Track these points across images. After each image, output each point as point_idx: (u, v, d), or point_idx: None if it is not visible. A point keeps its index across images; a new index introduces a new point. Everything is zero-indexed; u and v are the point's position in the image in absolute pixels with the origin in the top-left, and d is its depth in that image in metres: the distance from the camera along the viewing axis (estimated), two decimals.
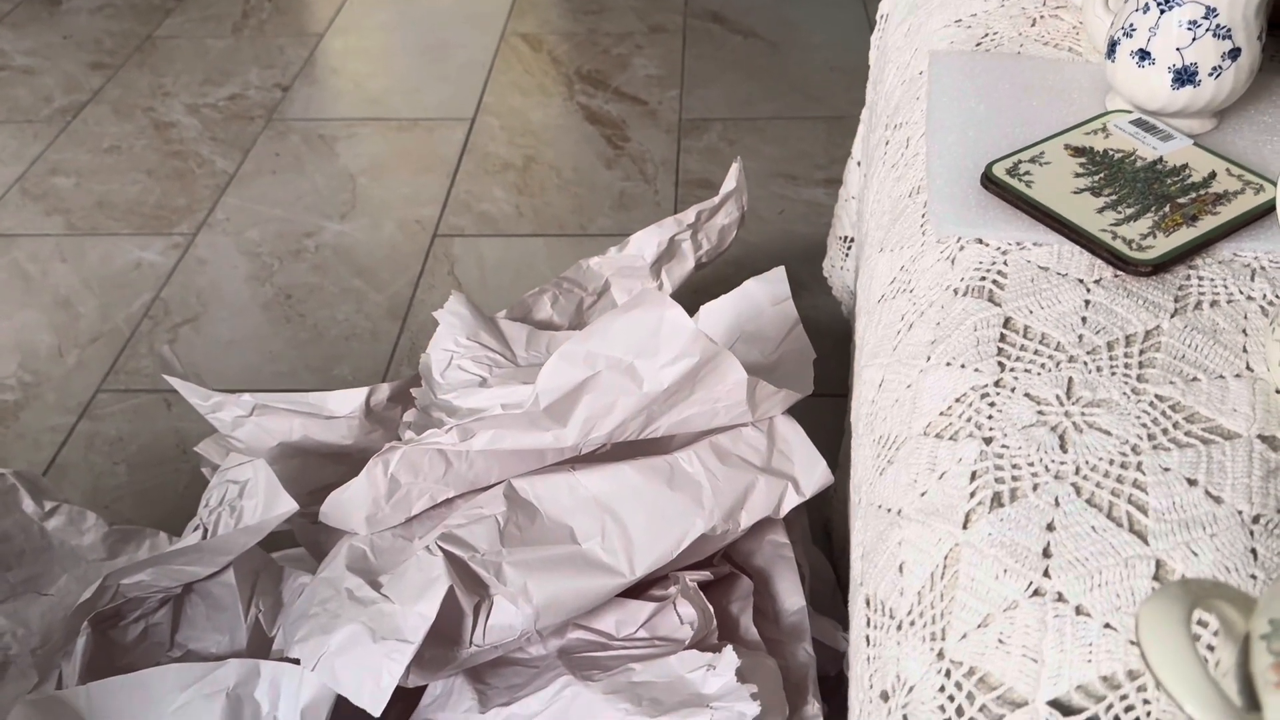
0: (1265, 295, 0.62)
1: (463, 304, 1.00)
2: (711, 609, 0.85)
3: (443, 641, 0.78)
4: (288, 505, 0.85)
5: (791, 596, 0.91)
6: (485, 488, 0.86)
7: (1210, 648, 0.46)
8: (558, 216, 1.72)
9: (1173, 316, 0.61)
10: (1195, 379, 0.58)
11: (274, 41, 2.27)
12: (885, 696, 0.55)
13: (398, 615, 0.75)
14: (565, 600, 0.78)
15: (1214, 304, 0.62)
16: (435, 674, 0.81)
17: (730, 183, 1.20)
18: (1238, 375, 0.58)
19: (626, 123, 1.94)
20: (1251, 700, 0.36)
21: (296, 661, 0.79)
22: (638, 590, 0.90)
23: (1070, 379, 0.59)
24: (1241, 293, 0.62)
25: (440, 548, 0.77)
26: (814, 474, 0.85)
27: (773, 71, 2.08)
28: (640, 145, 1.88)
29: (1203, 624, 0.47)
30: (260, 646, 0.89)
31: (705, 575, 0.88)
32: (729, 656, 0.78)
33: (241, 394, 0.94)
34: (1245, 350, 0.59)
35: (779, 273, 0.98)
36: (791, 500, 0.84)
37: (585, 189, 1.78)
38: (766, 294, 0.97)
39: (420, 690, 0.87)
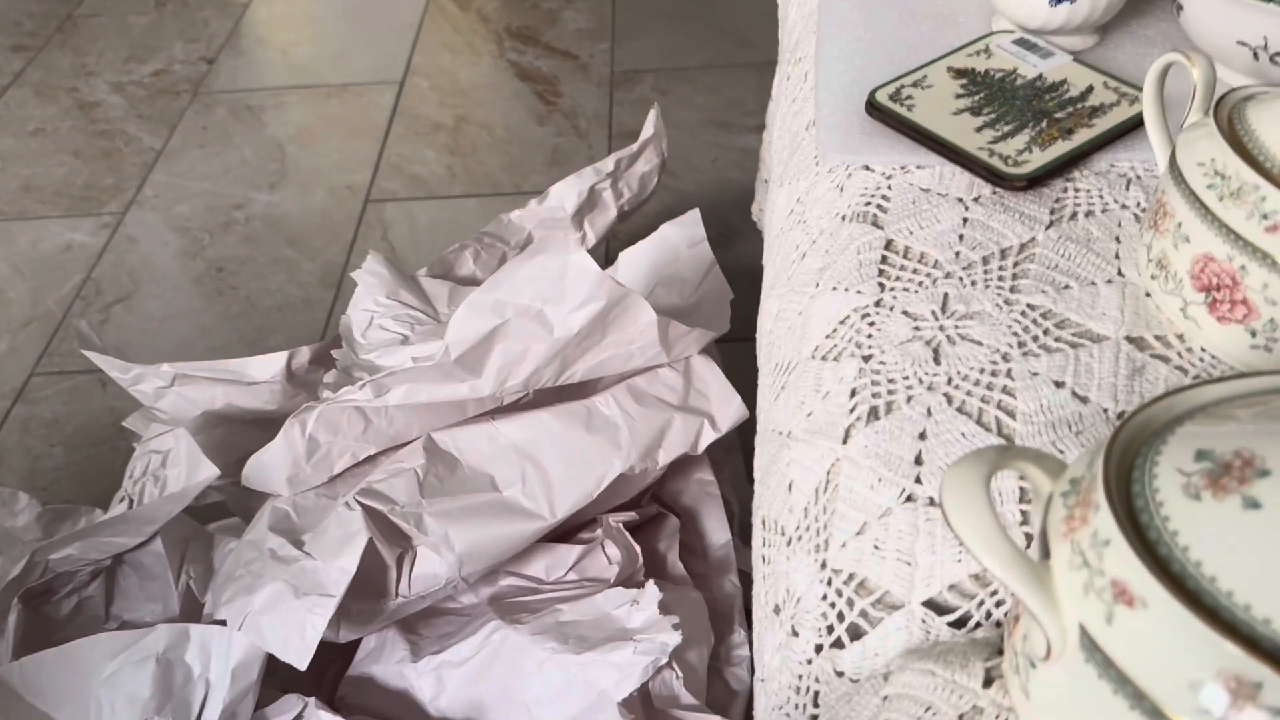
0: (1139, 203, 0.64)
1: (381, 264, 1.01)
2: (637, 548, 0.88)
3: (369, 595, 0.80)
4: (209, 471, 0.86)
5: (718, 532, 0.93)
6: (408, 443, 0.88)
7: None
8: (491, 176, 1.73)
9: (1048, 228, 0.63)
10: (1067, 287, 0.60)
11: (198, 14, 2.25)
12: (777, 610, 0.58)
13: (319, 571, 0.77)
14: (488, 546, 0.80)
15: (1089, 214, 0.64)
16: (366, 628, 0.83)
17: (648, 129, 1.21)
18: (1109, 281, 0.60)
19: (558, 78, 1.94)
20: (1047, 553, 0.39)
21: (225, 624, 0.81)
22: (566, 535, 0.92)
23: (946, 294, 0.61)
24: (1116, 202, 0.65)
25: (359, 502, 0.79)
26: (729, 410, 0.87)
27: (703, 19, 2.09)
28: (572, 100, 1.88)
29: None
30: (193, 613, 0.90)
31: (631, 516, 0.91)
32: (651, 591, 0.80)
33: (160, 365, 0.95)
34: (1118, 257, 0.61)
35: (694, 215, 1.00)
36: (708, 436, 0.87)
37: (518, 146, 1.79)
38: (683, 237, 0.99)
39: (355, 645, 0.89)
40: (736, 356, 0.93)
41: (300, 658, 0.76)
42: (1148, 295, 0.58)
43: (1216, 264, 0.53)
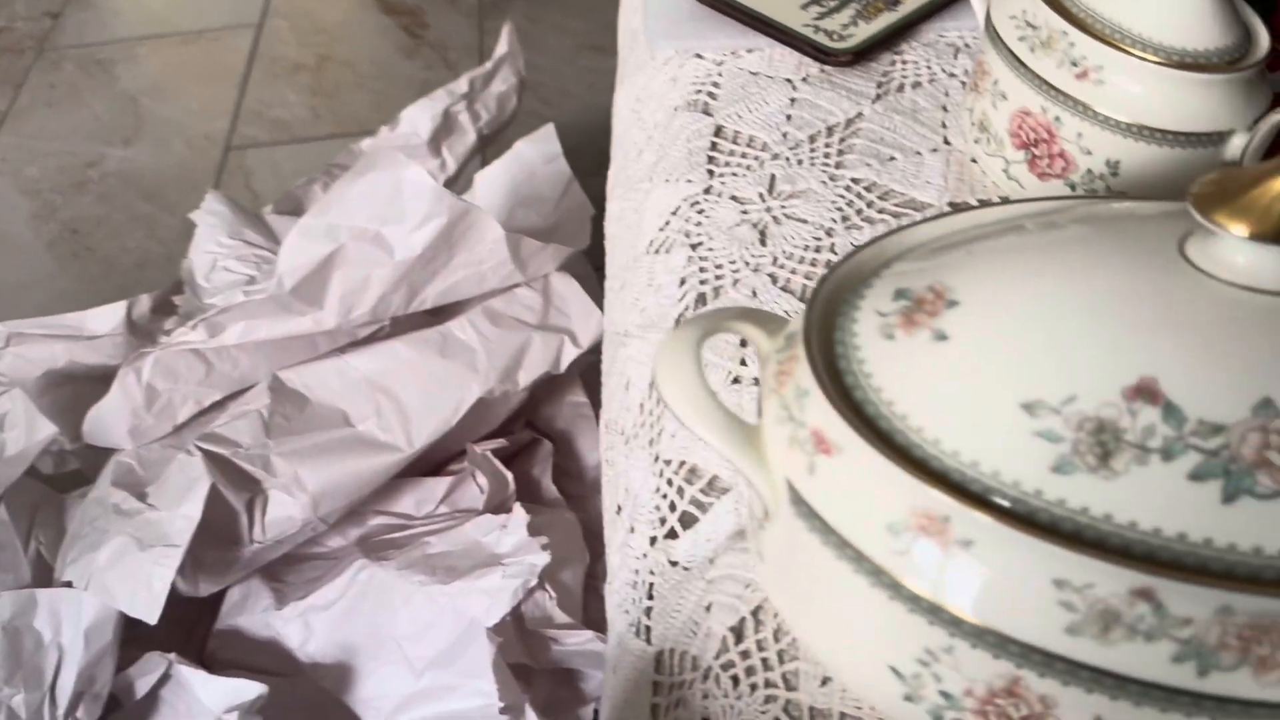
0: (967, 71, 0.64)
1: (221, 202, 0.98)
2: (508, 474, 0.87)
3: (221, 543, 0.78)
4: (47, 429, 0.83)
5: (592, 453, 0.93)
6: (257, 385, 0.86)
7: None
8: (357, 115, 1.69)
9: (875, 102, 0.63)
10: (892, 158, 0.60)
11: None
12: (619, 510, 0.57)
13: (163, 522, 0.75)
14: (343, 484, 0.79)
15: (916, 85, 0.64)
16: (225, 578, 0.81)
17: (502, 47, 1.18)
18: (934, 150, 0.60)
19: (424, 9, 1.90)
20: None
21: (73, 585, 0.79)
22: (436, 468, 0.91)
23: (773, 176, 0.60)
24: (944, 71, 0.64)
25: (199, 448, 0.77)
26: (590, 325, 0.86)
27: None
28: (440, 32, 1.84)
29: None
30: (46, 581, 0.88)
31: (500, 443, 0.90)
32: (518, 515, 0.80)
33: None
34: (944, 126, 0.61)
35: (548, 131, 0.98)
36: (570, 353, 0.86)
37: (385, 83, 1.75)
38: (538, 154, 0.97)
39: (222, 599, 0.87)
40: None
41: (150, 611, 0.74)
42: (973, 161, 0.58)
43: (1033, 118, 0.53)
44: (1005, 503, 0.33)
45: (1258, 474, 0.31)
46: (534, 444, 0.94)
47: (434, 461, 0.89)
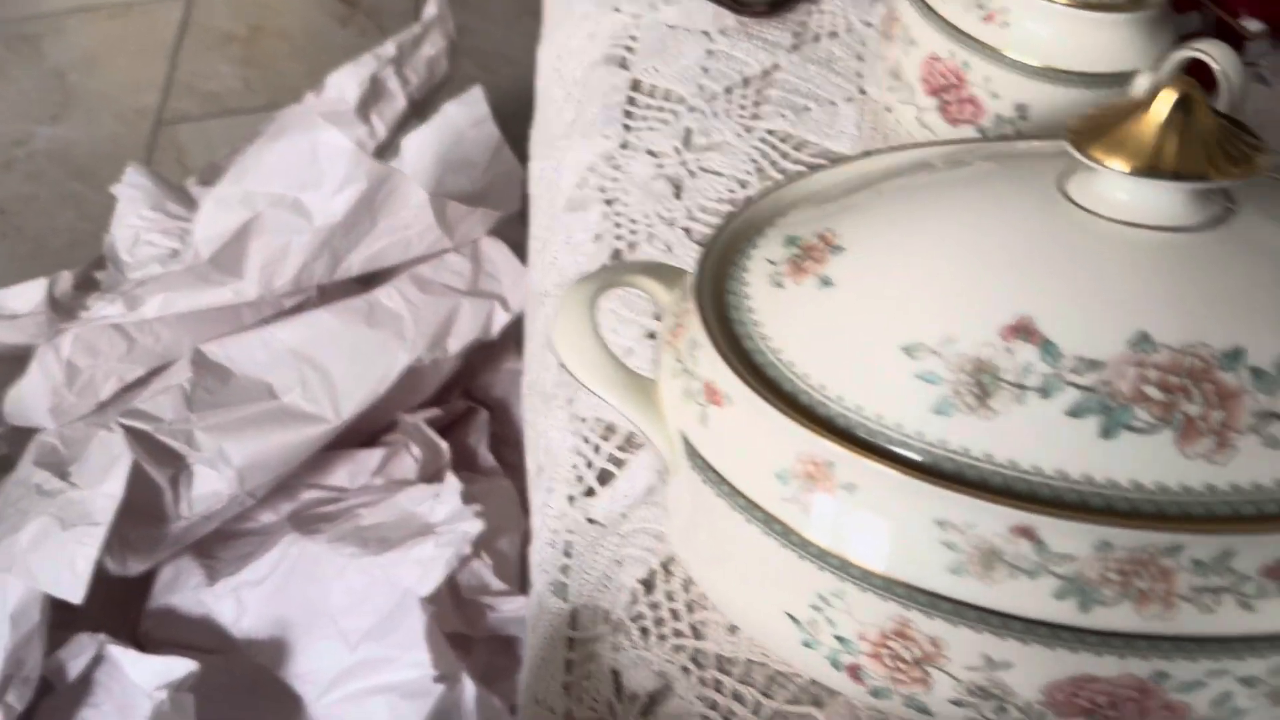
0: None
1: (143, 175, 0.96)
2: (442, 444, 0.87)
3: (147, 520, 0.78)
4: None
5: None
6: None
7: None
8: (292, 86, 1.66)
9: (791, 52, 0.63)
10: (807, 109, 0.60)
11: None
12: (540, 471, 0.57)
13: (85, 501, 0.74)
14: (270, 457, 0.78)
15: (832, 35, 0.64)
16: (153, 555, 0.81)
17: (431, 9, 1.17)
18: (849, 99, 0.60)
19: None
20: None
21: None
22: (370, 439, 0.91)
23: (688, 129, 0.60)
24: (861, 20, 0.64)
25: (121, 424, 0.76)
26: (521, 289, 0.86)
27: None
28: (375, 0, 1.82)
29: None
30: None
31: (435, 412, 0.89)
32: (451, 483, 0.80)
33: None
34: (860, 75, 0.61)
35: (475, 93, 0.97)
36: (501, 318, 0.85)
37: (320, 52, 1.72)
38: (465, 116, 0.96)
39: (153, 578, 0.87)
40: None
41: (74, 592, 0.73)
42: (888, 110, 0.58)
43: (942, 63, 0.53)
44: (888, 446, 0.33)
45: (1135, 408, 0.31)
46: (471, 412, 0.94)
47: (367, 432, 0.89)
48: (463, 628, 0.78)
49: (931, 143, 0.42)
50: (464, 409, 0.94)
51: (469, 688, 0.76)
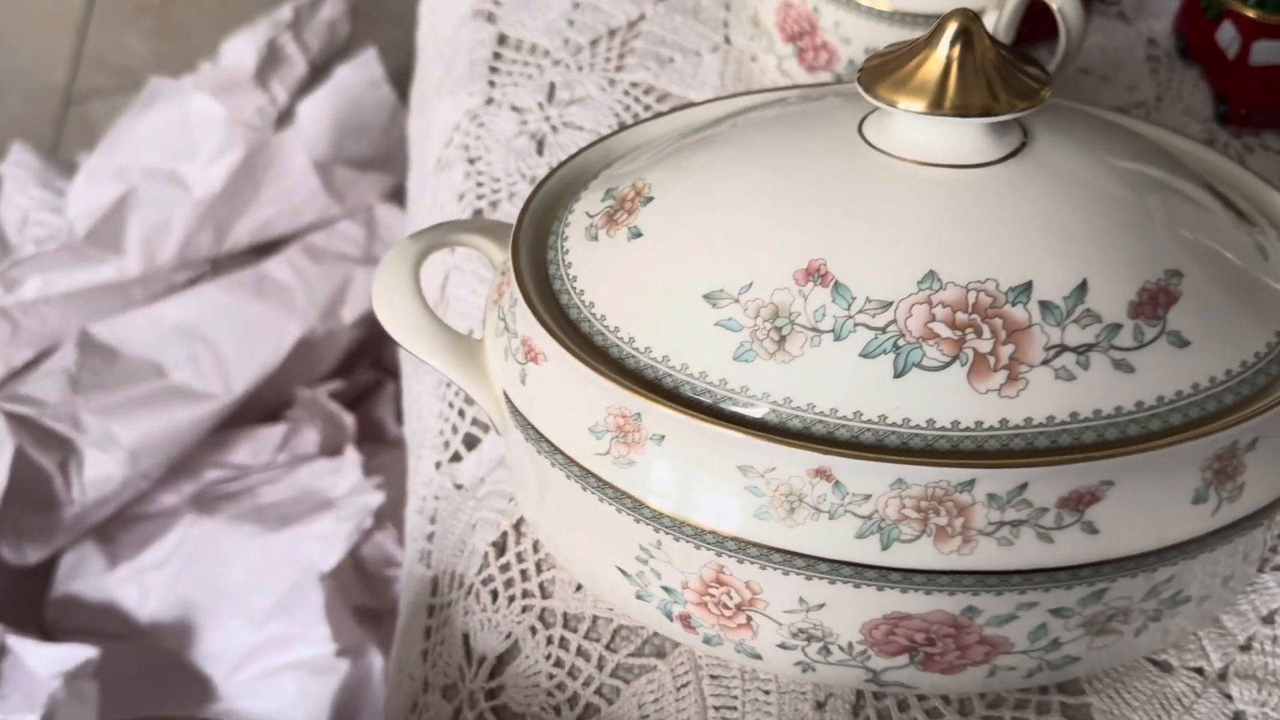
0: None
1: (29, 152, 0.95)
2: (343, 416, 0.87)
3: (38, 507, 0.78)
4: None
5: None
6: None
7: None
8: (207, 57, 1.65)
9: (657, 3, 0.63)
10: (671, 60, 0.60)
11: None
12: (413, 437, 0.58)
13: None
14: (161, 437, 0.78)
15: None
16: (49, 543, 0.81)
17: None
18: (714, 49, 0.60)
19: None
20: None
21: None
22: (274, 414, 0.91)
23: (553, 83, 0.60)
24: None
25: (1, 409, 0.76)
26: None
27: None
28: None
29: None
30: None
31: (337, 384, 0.90)
32: (350, 456, 0.80)
33: None
34: (726, 25, 0.62)
35: (369, 55, 0.97)
36: None
37: (236, 22, 1.68)
38: (360, 79, 0.96)
39: (55, 567, 0.87)
40: None
41: None
42: (753, 59, 0.59)
43: (795, 9, 0.54)
44: (693, 395, 0.34)
45: (925, 346, 0.32)
46: (379, 383, 0.94)
47: (270, 407, 0.89)
48: (369, 601, 0.79)
49: (759, 90, 0.42)
50: (371, 380, 0.94)
51: (376, 661, 0.77)
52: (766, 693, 0.39)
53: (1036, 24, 0.53)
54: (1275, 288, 0.35)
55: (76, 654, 0.76)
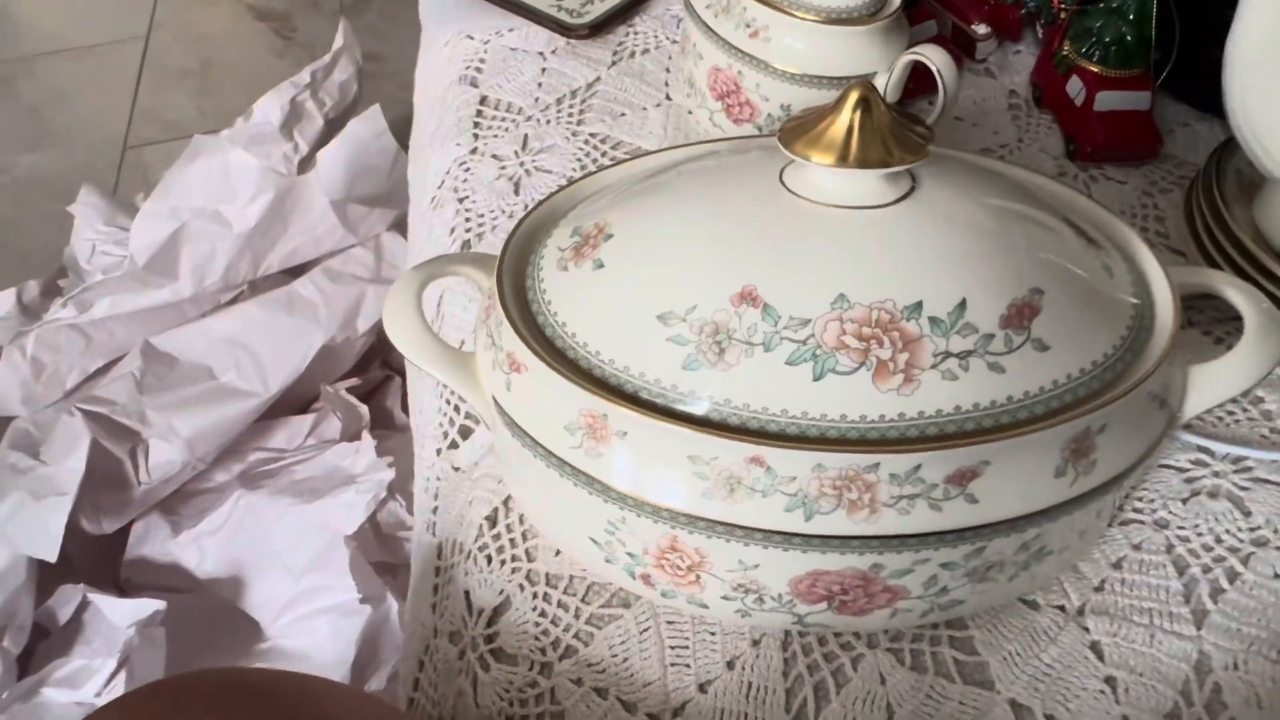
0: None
1: (94, 194, 0.92)
2: (361, 407, 0.85)
3: (113, 487, 0.75)
4: None
5: None
6: None
7: None
8: (240, 110, 1.60)
9: (610, 67, 0.61)
10: (623, 114, 0.58)
11: None
12: (417, 428, 0.56)
13: (53, 475, 0.72)
14: (213, 428, 0.76)
15: (645, 51, 0.62)
16: (122, 516, 0.78)
17: (339, 40, 1.13)
18: (658, 105, 0.59)
19: (292, 14, 1.80)
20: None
21: None
22: (303, 407, 0.89)
23: (526, 135, 0.59)
24: (669, 38, 0.63)
25: (79, 409, 0.73)
26: None
27: None
28: (307, 34, 1.75)
29: None
30: None
31: (354, 381, 0.88)
32: (366, 440, 0.78)
33: None
34: (666, 85, 0.60)
35: (374, 111, 0.94)
36: None
37: (262, 81, 1.64)
38: (368, 130, 0.93)
39: (127, 535, 0.84)
40: None
41: (49, 552, 0.71)
42: (689, 113, 0.58)
43: (723, 73, 0.52)
44: (650, 399, 0.33)
45: (838, 355, 0.31)
46: (387, 380, 0.92)
47: (300, 402, 0.87)
48: (386, 557, 0.77)
49: (699, 142, 0.41)
50: (381, 377, 0.92)
51: (393, 605, 0.75)
52: (712, 634, 0.38)
53: (919, 81, 0.52)
54: (1119, 299, 0.34)
55: (147, 606, 0.74)
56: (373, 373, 0.91)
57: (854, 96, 0.32)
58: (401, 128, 1.10)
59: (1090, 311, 0.34)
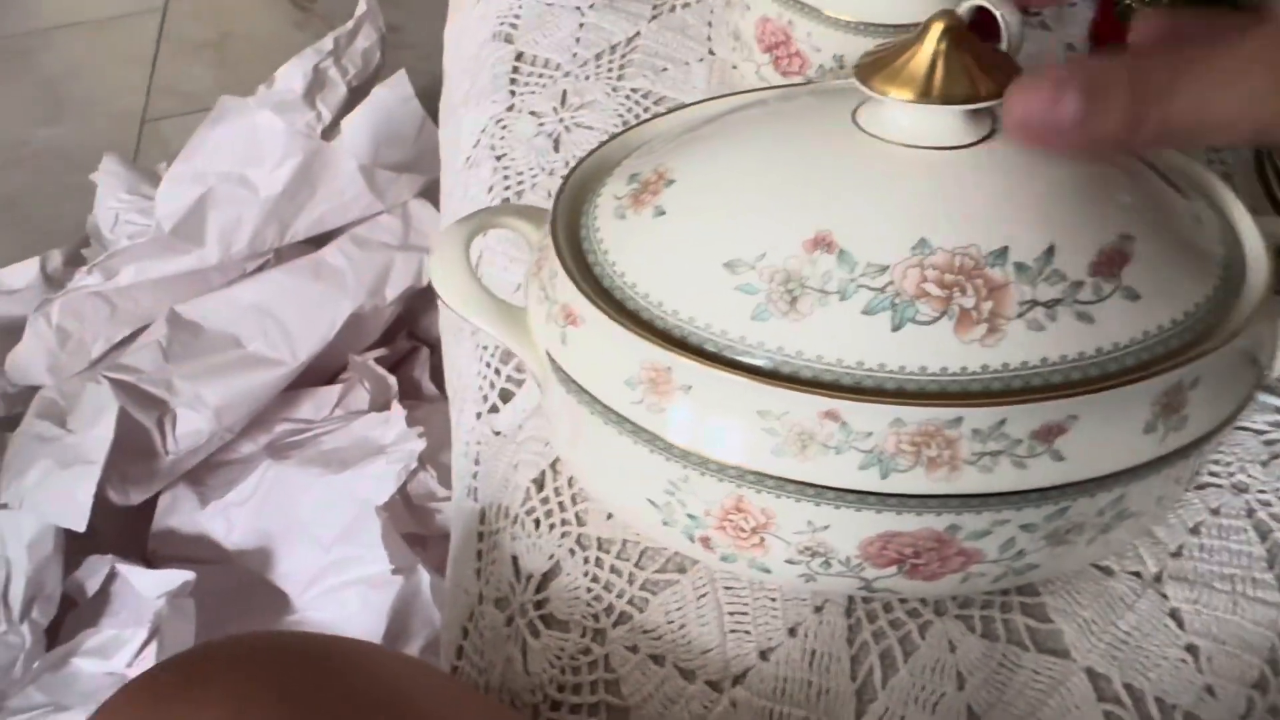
0: None
1: (117, 162, 0.91)
2: (389, 378, 0.84)
3: (140, 456, 0.74)
4: None
5: None
6: None
7: None
8: (258, 82, 1.58)
9: (650, 21, 0.60)
10: (665, 69, 0.57)
11: None
12: (455, 393, 0.55)
13: (81, 444, 0.71)
14: (240, 397, 0.75)
15: (685, 5, 0.60)
16: (150, 486, 0.78)
17: (361, 6, 1.11)
18: (700, 60, 0.57)
19: None
20: None
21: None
22: (331, 377, 0.88)
23: (564, 91, 0.57)
24: None
25: (106, 377, 0.72)
26: None
27: None
28: (326, 4, 1.73)
29: None
30: None
31: (382, 351, 0.86)
32: (396, 410, 0.77)
33: None
34: (709, 39, 0.58)
35: (400, 76, 0.93)
36: None
37: (280, 52, 1.62)
38: (393, 97, 0.92)
39: (154, 505, 0.83)
40: None
41: (77, 521, 0.70)
42: (734, 67, 0.56)
43: (771, 23, 0.50)
44: (717, 350, 0.31)
45: (918, 304, 0.30)
46: (415, 350, 0.91)
47: (328, 372, 0.86)
48: (417, 528, 0.76)
49: (751, 89, 0.39)
50: (409, 348, 0.91)
51: (425, 577, 0.74)
52: (773, 600, 0.37)
53: (978, 32, 0.50)
54: (1208, 248, 0.33)
55: (176, 577, 0.73)
56: (399, 343, 0.90)
57: (938, 27, 0.30)
58: (424, 98, 1.08)
59: (1181, 260, 0.32)
